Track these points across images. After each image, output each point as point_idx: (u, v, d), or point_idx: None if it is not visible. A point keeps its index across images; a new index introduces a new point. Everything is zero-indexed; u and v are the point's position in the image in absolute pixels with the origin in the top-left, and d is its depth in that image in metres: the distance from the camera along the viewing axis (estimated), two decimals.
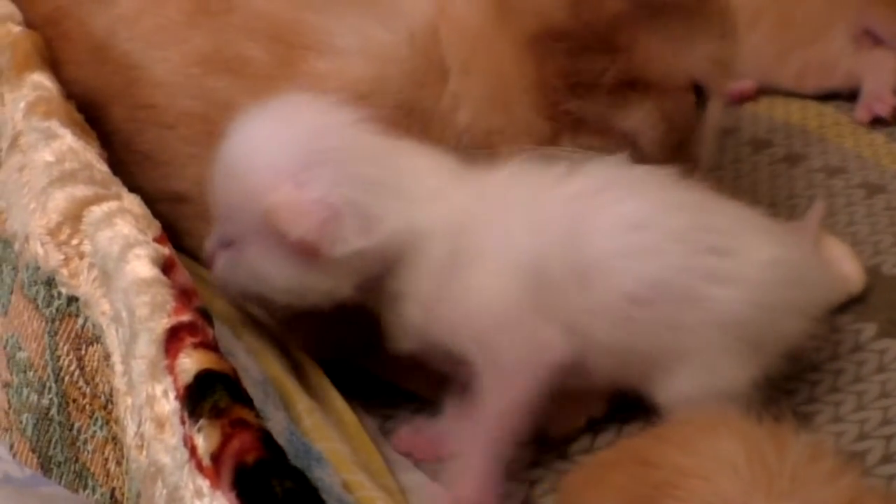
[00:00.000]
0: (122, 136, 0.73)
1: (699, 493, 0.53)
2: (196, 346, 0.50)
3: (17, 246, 0.62)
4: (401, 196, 0.67)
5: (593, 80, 0.71)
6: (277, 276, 0.66)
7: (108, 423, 0.58)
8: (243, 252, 0.67)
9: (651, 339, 0.67)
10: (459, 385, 0.71)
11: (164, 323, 0.52)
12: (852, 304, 0.81)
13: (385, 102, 0.71)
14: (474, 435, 0.66)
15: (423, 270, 0.66)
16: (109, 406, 0.58)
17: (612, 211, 0.68)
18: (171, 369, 0.50)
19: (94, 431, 0.59)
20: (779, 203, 0.95)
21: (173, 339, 0.51)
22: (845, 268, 0.82)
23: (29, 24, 0.77)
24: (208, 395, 0.48)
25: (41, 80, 0.70)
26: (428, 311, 0.67)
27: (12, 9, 0.78)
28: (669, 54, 0.72)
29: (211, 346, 0.51)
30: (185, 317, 0.52)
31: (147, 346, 0.52)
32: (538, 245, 0.67)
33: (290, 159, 0.65)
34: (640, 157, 0.72)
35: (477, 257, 0.66)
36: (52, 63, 0.74)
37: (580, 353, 0.67)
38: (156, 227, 0.59)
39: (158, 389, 0.51)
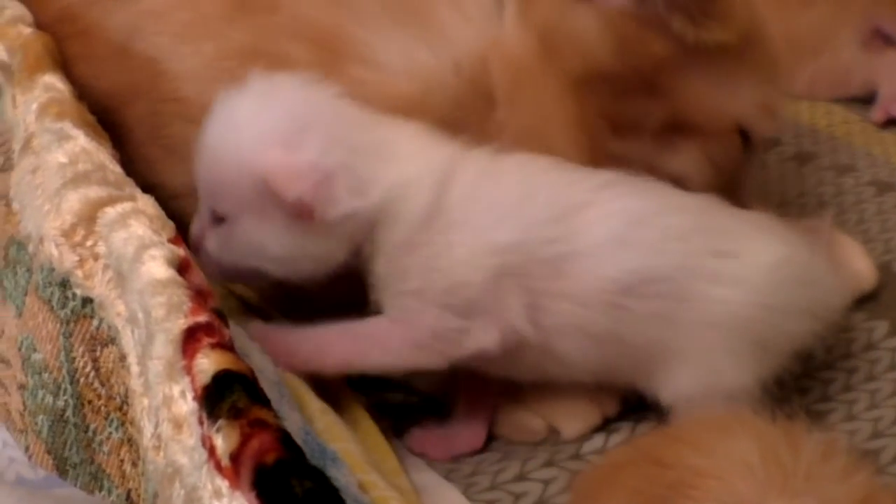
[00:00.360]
0: (145, 130, 0.73)
1: (714, 493, 0.53)
2: (213, 346, 0.50)
3: (31, 248, 0.62)
4: (389, 158, 0.68)
5: (637, 123, 0.71)
6: (273, 244, 0.66)
7: (123, 424, 0.58)
8: (236, 226, 0.67)
9: (645, 333, 0.67)
10: (466, 384, 0.72)
11: (180, 324, 0.52)
12: (864, 302, 0.81)
13: (426, 121, 0.71)
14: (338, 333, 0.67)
15: (397, 224, 0.67)
16: (125, 407, 0.58)
17: (613, 205, 0.68)
18: (188, 370, 0.50)
19: (110, 433, 0.59)
20: (789, 201, 0.95)
21: (190, 339, 0.51)
22: (857, 266, 0.82)
23: (42, 20, 0.77)
24: (227, 396, 0.48)
25: (53, 82, 0.70)
26: (392, 261, 0.67)
27: (23, 10, 0.78)
28: (714, 98, 0.72)
29: (228, 346, 0.51)
30: (202, 317, 0.52)
31: (164, 347, 0.52)
32: (524, 226, 0.67)
33: (279, 126, 0.66)
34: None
35: (455, 225, 0.67)
36: (68, 60, 0.74)
37: (541, 340, 0.67)
38: (170, 227, 0.59)
39: (176, 390, 0.50)
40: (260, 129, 0.66)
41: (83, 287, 0.59)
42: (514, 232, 0.67)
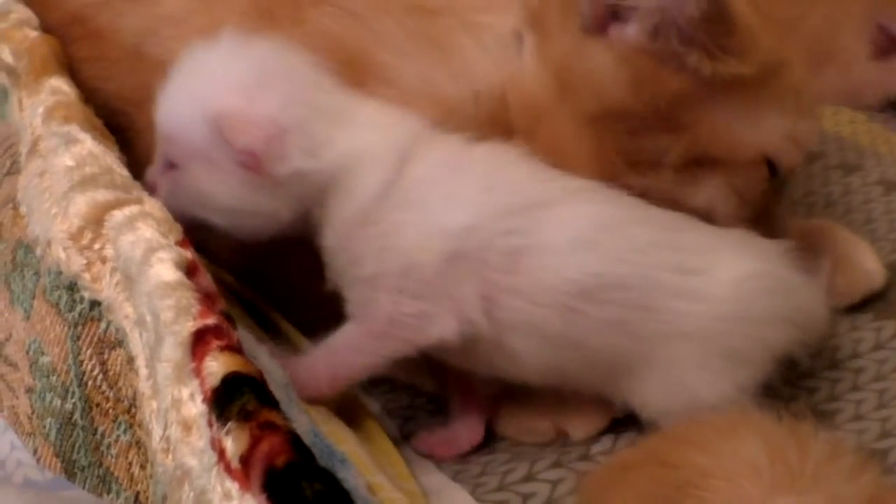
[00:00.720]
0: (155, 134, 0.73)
1: (721, 494, 0.53)
2: (222, 349, 0.50)
3: (38, 251, 0.62)
4: (347, 125, 0.67)
5: (656, 159, 0.70)
6: (220, 194, 0.66)
7: (131, 427, 0.58)
8: (186, 172, 0.67)
9: (602, 339, 0.67)
10: (455, 381, 0.72)
11: (189, 326, 0.52)
12: (872, 301, 0.81)
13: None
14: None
15: (350, 196, 0.67)
16: (133, 410, 0.58)
17: (581, 207, 0.68)
18: (197, 372, 0.50)
19: (118, 435, 0.59)
20: (796, 201, 0.95)
21: (199, 342, 0.51)
22: (865, 265, 0.82)
23: (50, 22, 0.77)
24: (236, 398, 0.48)
25: (59, 85, 0.70)
26: (342, 237, 0.67)
27: (29, 14, 0.78)
28: (737, 131, 0.71)
29: (237, 349, 0.51)
30: (211, 320, 0.52)
31: (173, 350, 0.52)
32: (481, 212, 0.66)
33: (241, 77, 0.66)
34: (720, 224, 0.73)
35: (410, 203, 0.67)
36: (76, 62, 0.75)
37: (495, 335, 0.67)
38: (177, 230, 0.59)
39: (185, 393, 0.50)
40: (221, 77, 0.67)
41: (91, 290, 0.59)
42: (468, 217, 0.66)
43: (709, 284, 0.67)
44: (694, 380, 0.67)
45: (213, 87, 0.66)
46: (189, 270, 0.56)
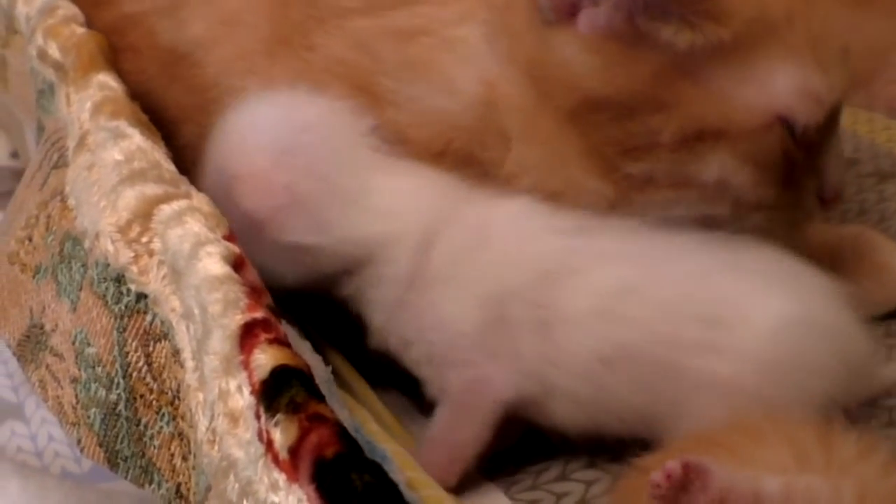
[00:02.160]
0: (196, 151, 0.74)
1: None
2: (270, 342, 0.51)
3: (87, 243, 0.63)
4: (365, 209, 0.69)
5: (650, 142, 0.67)
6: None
7: (174, 418, 0.59)
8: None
9: (630, 401, 0.66)
10: None
11: (237, 319, 0.52)
12: None
13: (457, 163, 0.72)
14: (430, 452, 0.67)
15: (386, 280, 0.68)
16: (176, 402, 0.59)
17: (598, 274, 0.67)
18: (245, 365, 0.51)
19: (161, 427, 0.60)
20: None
21: (247, 335, 0.52)
22: None
23: (91, 29, 0.78)
24: (285, 390, 0.49)
25: (107, 81, 0.71)
26: (389, 319, 0.69)
27: (75, 10, 0.79)
28: (734, 96, 0.67)
29: (284, 342, 0.51)
30: (259, 313, 0.53)
31: (221, 343, 0.52)
32: (508, 284, 0.67)
33: (272, 139, 0.68)
34: (745, 201, 0.69)
35: (440, 281, 0.68)
36: (120, 73, 0.75)
37: (540, 397, 0.67)
38: (224, 225, 0.60)
39: (232, 385, 0.51)
40: (256, 136, 0.69)
41: (138, 283, 0.60)
42: (497, 287, 0.67)
43: (740, 336, 0.65)
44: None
45: (245, 143, 0.68)
46: (236, 264, 0.56)
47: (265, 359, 0.50)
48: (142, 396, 0.60)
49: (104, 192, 0.63)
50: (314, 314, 0.74)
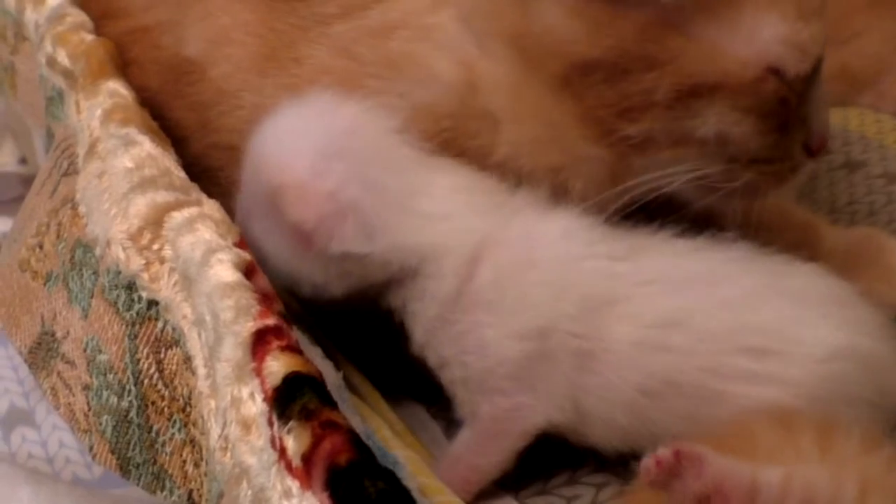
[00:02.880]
0: (199, 168, 0.73)
1: None
2: (283, 349, 0.51)
3: (98, 250, 0.63)
4: (412, 213, 0.67)
5: (645, 102, 0.67)
6: (274, 257, 0.66)
7: (186, 425, 0.59)
8: (251, 225, 0.67)
9: (675, 427, 0.65)
10: None
11: (249, 326, 0.53)
12: None
13: (460, 152, 0.71)
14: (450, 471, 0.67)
15: (430, 295, 0.67)
16: (188, 409, 0.59)
17: (641, 304, 0.66)
18: (258, 372, 0.51)
19: (173, 434, 0.60)
20: (839, 210, 0.94)
21: (259, 342, 0.52)
22: None
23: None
24: (297, 397, 0.49)
25: (117, 88, 0.71)
26: (430, 335, 0.67)
27: (84, 17, 0.79)
28: (726, 50, 0.66)
29: (296, 349, 0.51)
30: (270, 320, 0.53)
31: (233, 350, 0.53)
32: (551, 315, 0.66)
33: (313, 147, 0.66)
34: (743, 154, 0.69)
35: (484, 304, 0.66)
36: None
37: (575, 423, 0.67)
38: (235, 232, 0.60)
39: (245, 392, 0.51)
40: (294, 144, 0.67)
41: (149, 290, 0.60)
42: (540, 321, 0.66)
43: (786, 366, 0.65)
44: None
45: (283, 152, 0.66)
46: (247, 271, 0.57)
47: (278, 366, 0.50)
48: (153, 403, 0.60)
49: (115, 199, 0.63)
50: (326, 322, 0.74)
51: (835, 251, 0.82)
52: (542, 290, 0.67)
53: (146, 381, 0.60)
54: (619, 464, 0.70)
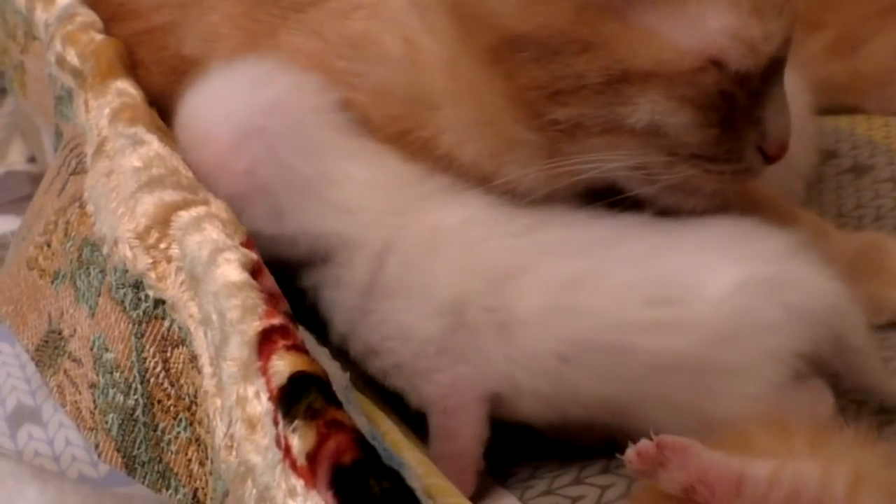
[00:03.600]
0: None
1: None
2: (288, 348, 0.51)
3: (105, 249, 0.63)
4: (323, 202, 0.68)
5: (574, 85, 0.65)
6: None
7: (191, 424, 0.59)
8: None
9: (595, 389, 0.66)
10: None
11: (255, 326, 0.53)
12: None
13: (412, 149, 0.71)
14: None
15: (344, 285, 0.68)
16: (193, 408, 0.59)
17: (551, 267, 0.67)
18: (263, 371, 0.51)
19: (178, 432, 0.60)
20: (845, 214, 0.95)
21: (265, 341, 0.52)
22: None
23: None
24: (303, 397, 0.49)
25: (125, 87, 0.71)
26: (350, 325, 0.68)
27: (94, 17, 0.79)
28: (664, 38, 0.64)
29: (302, 348, 0.51)
30: (276, 320, 0.53)
31: (239, 349, 0.53)
32: (461, 290, 0.67)
33: (235, 123, 0.67)
34: (682, 147, 0.67)
35: (395, 292, 0.67)
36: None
37: (509, 396, 0.67)
38: (242, 232, 0.60)
39: (250, 391, 0.51)
40: (216, 117, 0.68)
41: (156, 289, 0.60)
42: (453, 294, 0.67)
43: (689, 311, 0.65)
44: (693, 405, 0.65)
45: (205, 124, 0.68)
46: (254, 271, 0.57)
47: (283, 365, 0.50)
48: (159, 402, 0.61)
49: (123, 198, 0.63)
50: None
51: (842, 255, 0.82)
52: (449, 272, 0.67)
53: (152, 380, 0.61)
54: (622, 464, 0.71)
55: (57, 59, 0.77)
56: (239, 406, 0.52)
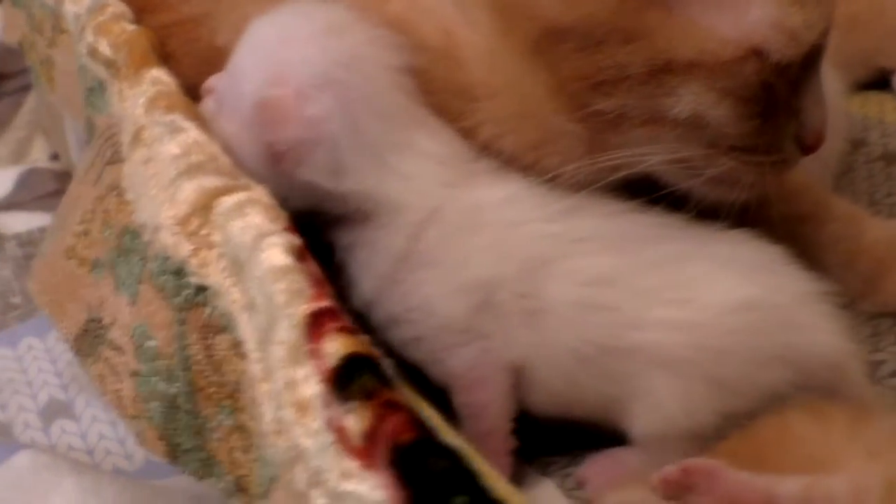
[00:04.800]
0: None
1: None
2: (339, 330, 0.51)
3: (145, 237, 0.63)
4: (384, 164, 0.67)
5: (618, 76, 0.65)
6: (241, 155, 0.66)
7: (234, 411, 0.59)
8: (224, 117, 0.67)
9: (602, 388, 0.66)
10: None
11: (303, 309, 0.52)
12: None
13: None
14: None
15: (381, 248, 0.67)
16: (237, 394, 0.59)
17: (583, 260, 0.67)
18: (314, 353, 0.50)
19: (221, 420, 0.60)
20: (877, 202, 0.94)
21: (315, 324, 0.51)
22: None
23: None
24: (356, 378, 0.48)
25: (160, 76, 0.71)
26: (378, 292, 0.67)
27: (124, 7, 0.79)
28: (706, 27, 0.64)
29: (352, 330, 0.51)
30: (324, 302, 0.52)
31: (287, 332, 0.52)
32: (494, 271, 0.66)
33: (310, 68, 0.66)
34: (722, 139, 0.67)
35: (428, 264, 0.67)
36: None
37: (524, 383, 0.67)
38: (284, 217, 0.59)
39: (300, 374, 0.51)
40: (290, 59, 0.66)
41: (197, 275, 0.60)
42: (485, 273, 0.66)
43: (693, 312, 0.65)
44: (672, 408, 0.65)
45: (278, 63, 0.66)
46: (298, 255, 0.56)
47: (335, 347, 0.50)
48: (202, 389, 0.60)
49: (163, 185, 0.62)
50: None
51: (877, 244, 0.81)
52: (484, 251, 0.67)
53: (195, 367, 0.60)
54: None
55: (89, 51, 0.76)
56: (288, 390, 0.52)
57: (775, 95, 0.67)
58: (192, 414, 0.61)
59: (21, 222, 1.08)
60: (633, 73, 0.64)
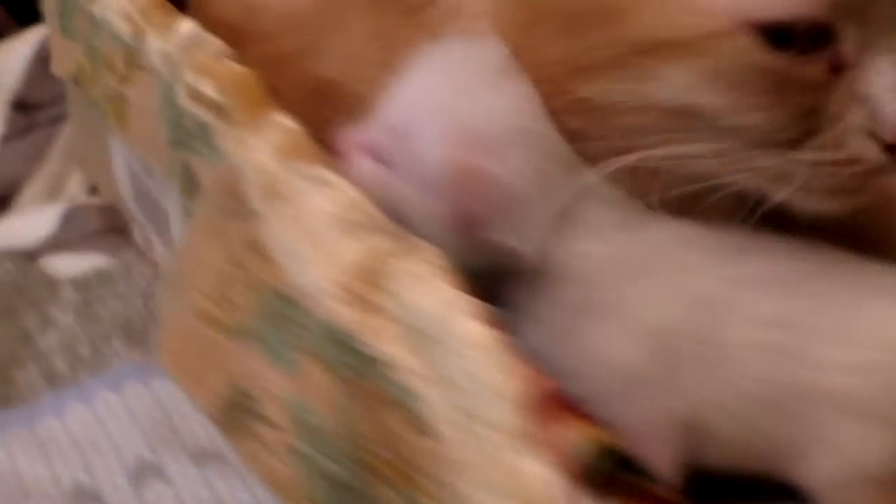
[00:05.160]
0: None
1: None
2: (572, 414, 0.47)
3: (302, 303, 0.58)
4: (572, 216, 0.62)
5: (598, 60, 0.59)
6: (415, 219, 0.60)
7: (411, 492, 0.54)
8: (390, 177, 0.61)
9: (774, 436, 0.62)
10: None
11: (524, 389, 0.48)
12: None
13: None
14: None
15: (558, 303, 0.62)
16: (411, 474, 0.54)
17: (761, 303, 0.62)
18: (546, 441, 0.46)
19: (394, 500, 0.55)
20: None
21: (542, 406, 0.47)
22: None
23: None
24: (605, 469, 0.44)
25: (283, 121, 0.65)
26: (549, 346, 0.62)
27: (220, 44, 0.73)
28: (687, 4, 0.56)
29: (586, 414, 0.47)
30: (546, 382, 0.48)
31: (505, 415, 0.48)
32: (668, 316, 0.62)
33: (498, 120, 0.61)
34: (748, 133, 0.58)
35: (610, 311, 0.62)
36: None
37: (698, 440, 0.62)
38: (464, 281, 0.55)
39: (526, 463, 0.47)
40: (474, 112, 0.60)
41: (369, 346, 0.55)
42: (656, 321, 0.61)
43: (869, 352, 0.61)
44: (857, 452, 0.61)
45: (460, 121, 0.60)
46: (495, 325, 0.52)
47: (574, 435, 0.46)
48: (372, 468, 0.56)
49: (319, 245, 0.57)
50: None
51: None
52: (659, 296, 0.62)
53: (364, 445, 0.55)
54: None
55: (190, 93, 0.71)
56: (511, 479, 0.47)
57: (793, 82, 0.57)
58: (362, 494, 0.56)
59: (73, 265, 1.02)
60: (614, 56, 0.58)
